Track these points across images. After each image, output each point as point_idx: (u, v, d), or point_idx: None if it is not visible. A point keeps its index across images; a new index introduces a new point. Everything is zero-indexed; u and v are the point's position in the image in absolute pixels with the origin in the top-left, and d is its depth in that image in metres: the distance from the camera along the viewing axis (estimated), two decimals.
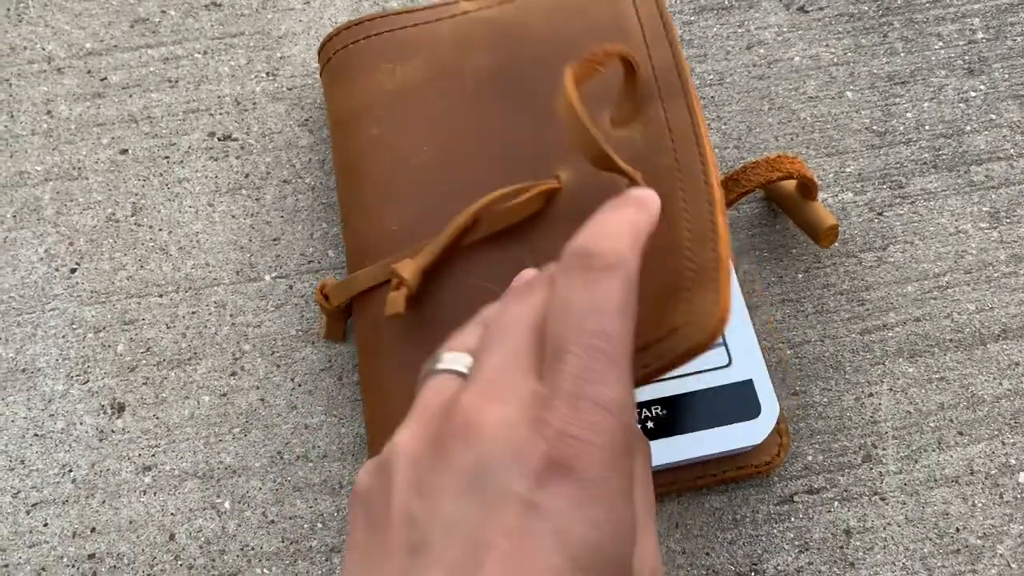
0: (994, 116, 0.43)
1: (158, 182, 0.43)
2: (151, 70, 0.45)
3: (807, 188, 0.38)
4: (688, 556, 0.35)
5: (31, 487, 0.37)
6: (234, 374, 0.39)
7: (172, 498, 0.37)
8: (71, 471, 0.38)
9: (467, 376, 0.24)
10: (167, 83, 0.45)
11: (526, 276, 0.27)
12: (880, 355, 0.38)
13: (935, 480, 0.36)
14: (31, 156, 0.44)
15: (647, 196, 0.26)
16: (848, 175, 0.42)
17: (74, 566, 0.36)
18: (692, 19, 0.45)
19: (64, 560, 0.36)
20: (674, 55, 0.32)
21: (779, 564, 0.35)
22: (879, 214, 0.41)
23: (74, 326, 0.40)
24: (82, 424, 0.38)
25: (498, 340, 0.23)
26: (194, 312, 0.40)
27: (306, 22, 0.46)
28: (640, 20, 0.33)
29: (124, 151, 0.44)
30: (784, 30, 0.45)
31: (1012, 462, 0.36)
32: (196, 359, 0.39)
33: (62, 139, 0.44)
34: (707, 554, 0.35)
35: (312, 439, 0.38)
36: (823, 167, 0.42)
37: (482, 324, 0.25)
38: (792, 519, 0.36)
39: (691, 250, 0.27)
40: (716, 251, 0.26)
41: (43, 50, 0.46)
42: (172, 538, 0.36)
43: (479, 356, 0.24)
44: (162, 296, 0.41)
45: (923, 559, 0.35)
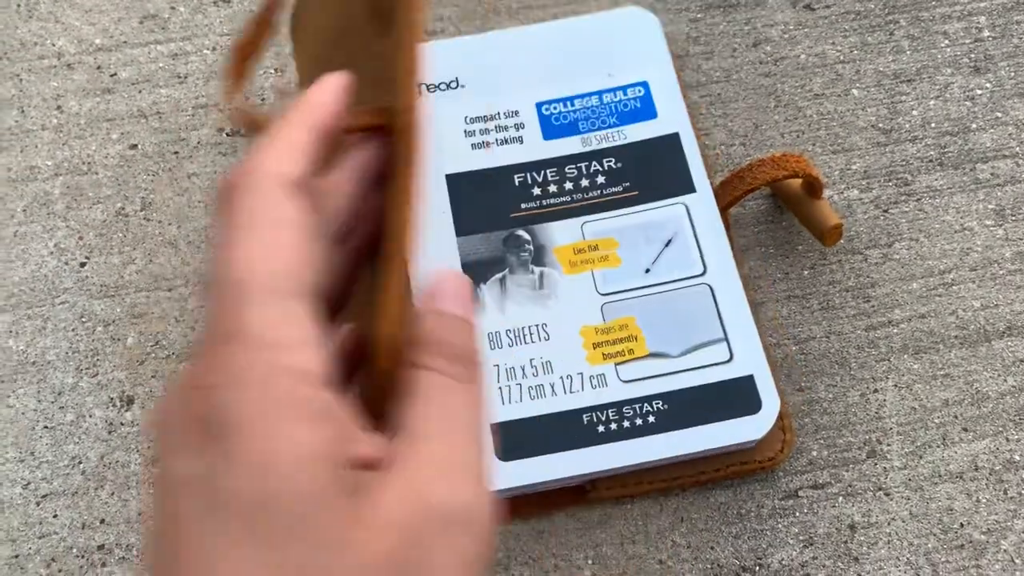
0: (1000, 114, 0.43)
1: (167, 177, 0.43)
2: (160, 66, 0.46)
3: (812, 187, 0.38)
4: (693, 550, 0.35)
5: (41, 479, 0.38)
6: None
7: None
8: (80, 463, 0.38)
9: None
10: (176, 79, 0.45)
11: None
12: (885, 351, 0.38)
13: (939, 476, 0.36)
14: (41, 151, 0.44)
15: None
16: (854, 172, 0.42)
17: (83, 557, 0.36)
18: (699, 16, 0.46)
19: (74, 551, 0.36)
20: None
21: (783, 558, 0.35)
22: (885, 211, 0.41)
23: (84, 319, 0.40)
24: (91, 417, 0.39)
25: None
26: (203, 306, 0.40)
27: None
28: None
29: (134, 146, 0.44)
30: (791, 28, 0.45)
31: (1016, 458, 0.37)
32: None
33: (72, 134, 0.44)
34: (712, 548, 0.36)
35: None
36: (829, 164, 0.42)
37: None
38: (797, 514, 0.36)
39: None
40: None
41: (53, 46, 0.46)
42: None
43: None
44: (171, 290, 0.41)
45: (927, 554, 0.35)
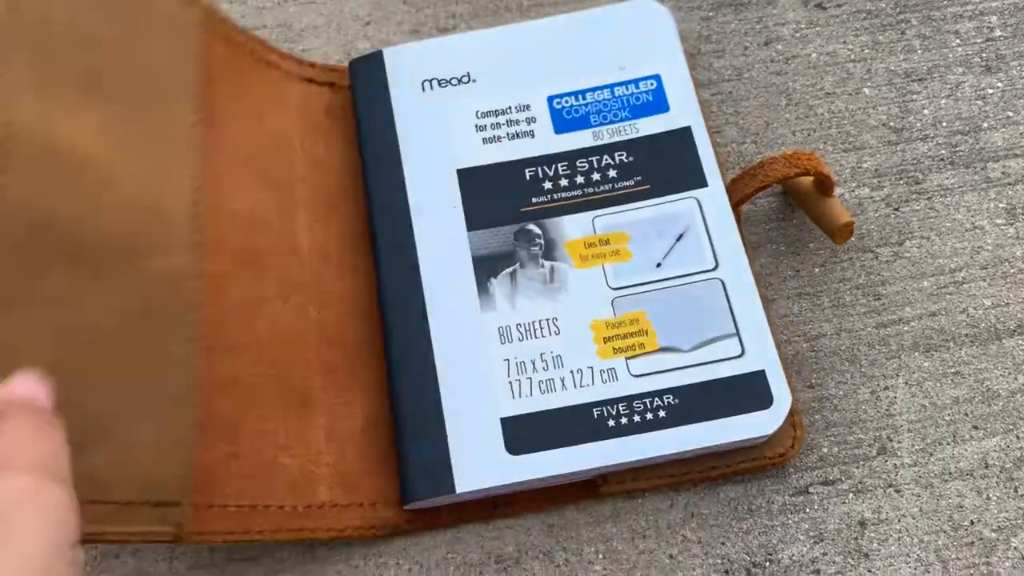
0: (1011, 113, 0.43)
1: None
2: None
3: (823, 184, 0.38)
4: (703, 545, 0.36)
5: None
6: None
7: None
8: None
9: None
10: None
11: None
12: (896, 349, 0.39)
13: (950, 473, 0.36)
14: None
15: None
16: (865, 171, 0.42)
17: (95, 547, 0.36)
18: (711, 14, 0.46)
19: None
20: None
21: (794, 554, 0.35)
22: (896, 209, 0.41)
23: None
24: None
25: None
26: None
27: (327, 15, 0.47)
28: None
29: None
30: (802, 26, 0.45)
31: None
32: None
33: None
34: (722, 543, 0.36)
35: None
36: (840, 163, 0.42)
37: None
38: (807, 510, 0.36)
39: None
40: None
41: None
42: None
43: None
44: None
45: (937, 551, 0.35)
